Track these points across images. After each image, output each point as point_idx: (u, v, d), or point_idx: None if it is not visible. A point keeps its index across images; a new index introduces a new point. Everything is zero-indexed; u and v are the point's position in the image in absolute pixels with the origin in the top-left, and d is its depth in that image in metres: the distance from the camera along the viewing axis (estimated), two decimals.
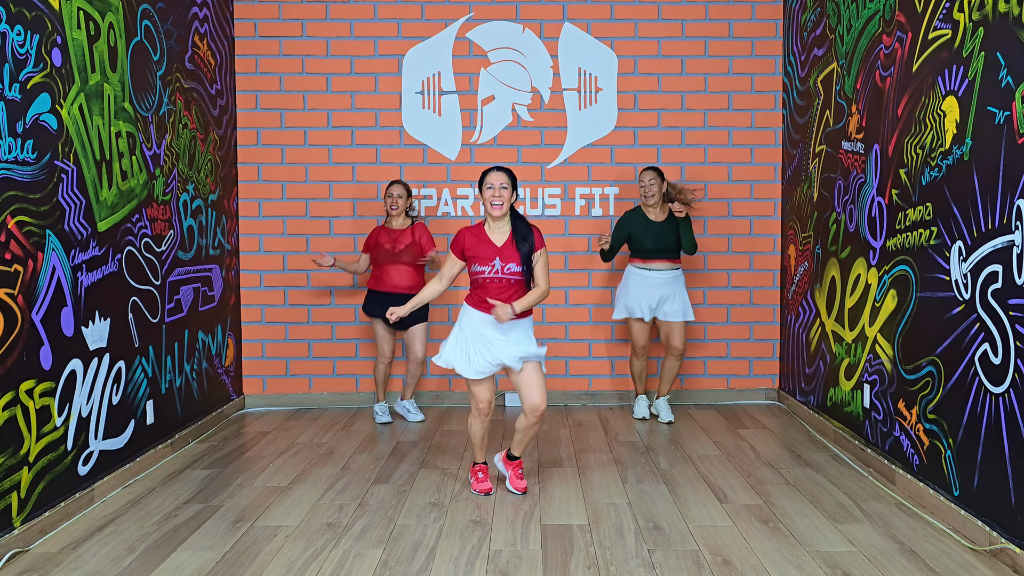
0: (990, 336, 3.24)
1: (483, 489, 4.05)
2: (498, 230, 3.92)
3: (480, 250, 3.88)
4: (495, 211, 3.87)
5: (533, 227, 3.94)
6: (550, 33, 5.96)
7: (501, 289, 3.87)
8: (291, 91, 5.93)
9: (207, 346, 5.36)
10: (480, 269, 3.88)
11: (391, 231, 5.41)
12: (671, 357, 5.47)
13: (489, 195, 3.87)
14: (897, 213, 4.09)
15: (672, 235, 5.30)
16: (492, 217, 3.90)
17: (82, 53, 3.85)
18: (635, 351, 5.54)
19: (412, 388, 5.55)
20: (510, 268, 3.86)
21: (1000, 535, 3.18)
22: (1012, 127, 3.10)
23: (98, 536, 3.50)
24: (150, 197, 4.54)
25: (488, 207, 3.88)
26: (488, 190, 3.88)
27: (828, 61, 5.07)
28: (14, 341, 3.29)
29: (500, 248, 3.88)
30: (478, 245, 3.89)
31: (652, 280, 5.32)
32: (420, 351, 5.44)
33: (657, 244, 5.29)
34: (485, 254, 3.87)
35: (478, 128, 5.98)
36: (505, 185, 3.88)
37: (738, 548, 3.31)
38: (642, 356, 5.55)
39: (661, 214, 5.34)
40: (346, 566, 3.17)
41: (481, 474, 4.10)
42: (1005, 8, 3.16)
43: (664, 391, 5.54)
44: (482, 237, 3.91)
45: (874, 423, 4.37)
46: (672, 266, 5.35)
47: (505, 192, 3.87)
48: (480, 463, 4.13)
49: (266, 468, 4.48)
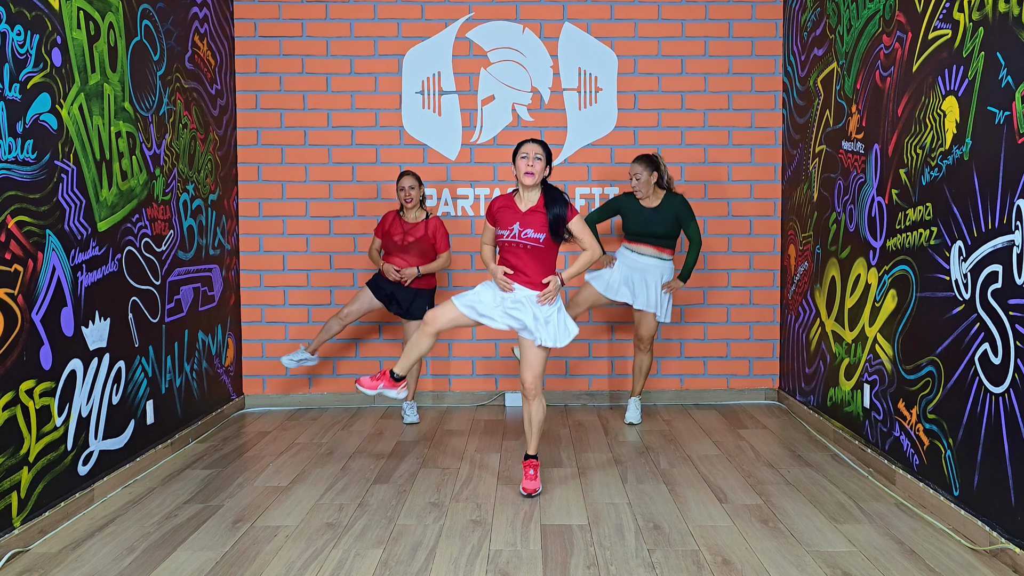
0: (990, 336, 3.24)
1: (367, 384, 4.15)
2: (527, 198, 4.02)
3: (504, 214, 4.01)
4: (527, 179, 3.94)
5: (569, 201, 4.02)
6: (550, 33, 5.96)
7: (519, 254, 3.97)
8: (291, 91, 5.93)
9: (207, 346, 5.36)
10: (501, 232, 4.01)
11: (404, 222, 5.36)
12: (639, 351, 5.42)
13: (523, 164, 3.95)
14: (897, 213, 4.10)
15: (660, 223, 5.19)
16: (524, 186, 3.99)
17: (82, 53, 3.85)
18: (573, 300, 5.38)
19: (413, 388, 5.54)
20: (527, 234, 3.94)
21: (1000, 535, 3.18)
22: (1012, 127, 3.10)
23: (98, 536, 3.50)
24: (150, 197, 4.54)
25: (520, 175, 3.96)
26: (522, 159, 3.96)
27: (828, 61, 5.07)
28: (14, 341, 3.29)
29: (523, 214, 3.98)
30: (503, 209, 4.03)
31: (632, 262, 5.25)
32: None
33: (641, 228, 5.20)
34: (507, 218, 3.99)
35: (478, 128, 5.98)
36: (539, 156, 3.96)
37: (738, 548, 3.31)
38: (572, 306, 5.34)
39: (654, 200, 5.23)
40: (346, 566, 3.17)
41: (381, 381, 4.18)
42: (1005, 8, 3.16)
43: (637, 389, 5.49)
44: (510, 203, 4.04)
45: (874, 423, 4.37)
46: (657, 253, 5.24)
47: (539, 163, 3.95)
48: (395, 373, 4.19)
49: (266, 468, 4.48)
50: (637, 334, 5.39)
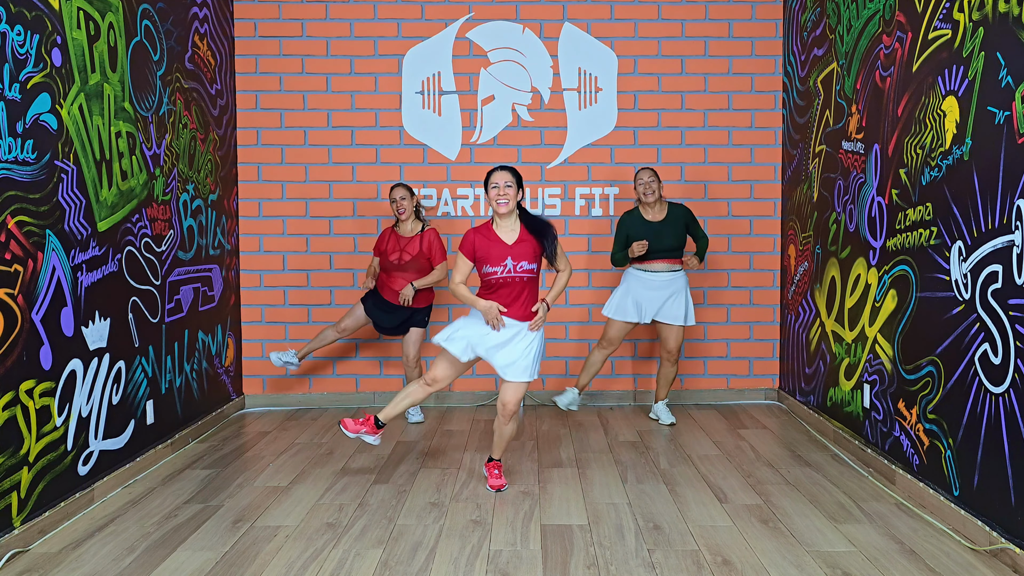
0: (990, 336, 3.24)
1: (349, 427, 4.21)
2: (507, 228, 3.96)
3: (491, 250, 3.91)
4: (501, 209, 3.90)
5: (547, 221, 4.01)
6: (550, 33, 5.96)
7: (514, 288, 3.91)
8: (291, 91, 5.93)
9: (207, 346, 5.36)
10: (492, 270, 3.90)
11: (400, 238, 5.30)
12: (667, 363, 5.39)
13: (494, 194, 3.92)
14: (897, 213, 4.10)
15: (670, 235, 5.18)
16: (499, 215, 3.94)
17: (82, 53, 3.85)
18: (601, 343, 5.39)
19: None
20: (522, 266, 3.90)
21: (1000, 535, 3.18)
22: (1012, 127, 3.10)
23: (98, 536, 3.51)
24: (150, 197, 4.54)
25: (494, 206, 3.92)
26: (493, 189, 3.92)
27: (828, 61, 5.07)
28: (14, 341, 3.29)
29: (511, 247, 3.92)
30: (488, 246, 3.92)
31: (652, 282, 5.22)
32: (413, 354, 5.40)
33: (654, 244, 5.16)
34: (495, 254, 3.90)
35: (478, 128, 5.98)
36: (510, 183, 3.92)
37: (738, 548, 3.31)
38: (606, 350, 5.38)
39: (659, 213, 5.23)
40: (346, 566, 3.17)
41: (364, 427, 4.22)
42: (1005, 8, 3.16)
43: (662, 395, 5.48)
44: (491, 237, 3.94)
45: (874, 423, 4.37)
46: (672, 267, 5.23)
47: (510, 190, 3.91)
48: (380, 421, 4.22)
49: (266, 468, 4.48)
50: (665, 347, 5.35)
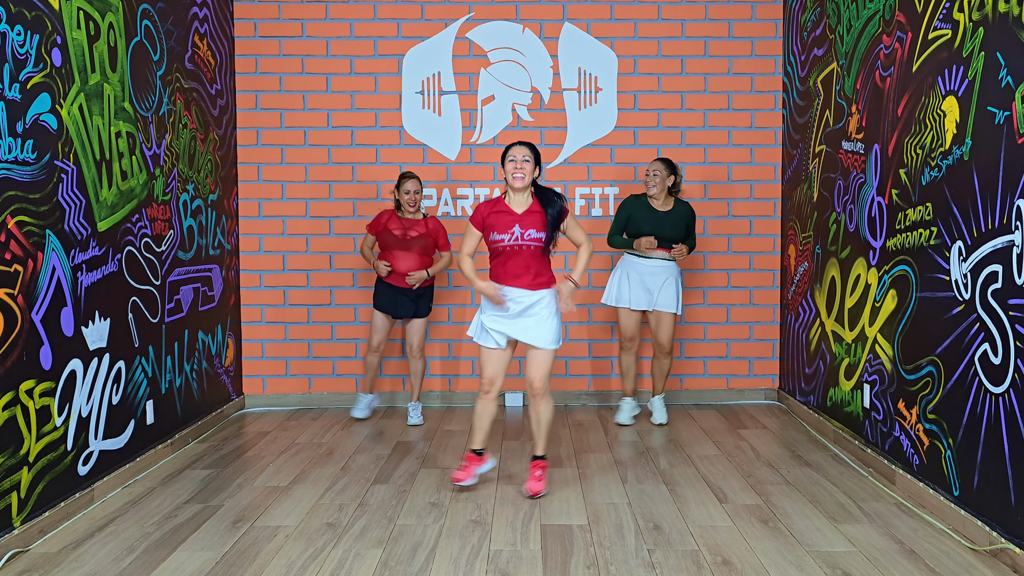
0: (990, 336, 3.24)
1: (458, 478, 4.05)
2: (518, 201, 4.00)
3: (499, 219, 3.96)
4: (516, 183, 3.93)
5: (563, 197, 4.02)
6: (550, 33, 5.96)
7: (522, 257, 3.94)
8: (291, 91, 5.93)
9: (207, 346, 5.36)
10: (499, 238, 3.95)
11: (403, 219, 5.33)
12: (659, 356, 5.41)
13: (511, 168, 3.95)
14: (897, 213, 4.10)
15: (671, 227, 5.21)
16: (513, 189, 3.97)
17: (82, 53, 3.85)
18: (623, 344, 5.43)
19: (418, 389, 5.52)
20: (530, 234, 3.93)
21: (1000, 535, 3.18)
22: (1012, 127, 3.10)
23: (98, 536, 3.50)
24: (150, 197, 4.54)
25: (510, 179, 3.95)
26: (511, 163, 3.96)
27: (828, 61, 5.07)
28: (14, 341, 3.29)
29: (521, 216, 3.95)
30: (496, 214, 3.97)
31: (645, 268, 5.24)
32: (417, 344, 5.42)
33: (653, 230, 5.18)
34: (504, 222, 3.95)
35: (478, 128, 5.98)
36: (527, 158, 3.95)
37: (738, 548, 3.31)
38: (630, 350, 5.43)
39: (666, 205, 5.26)
40: (346, 566, 3.17)
41: (466, 461, 4.09)
42: (1005, 8, 3.16)
43: (659, 388, 5.49)
44: (502, 207, 3.99)
45: (874, 423, 4.37)
46: (664, 255, 5.25)
47: (527, 165, 3.95)
48: (472, 450, 4.11)
49: (266, 468, 4.48)
50: (656, 340, 5.36)
